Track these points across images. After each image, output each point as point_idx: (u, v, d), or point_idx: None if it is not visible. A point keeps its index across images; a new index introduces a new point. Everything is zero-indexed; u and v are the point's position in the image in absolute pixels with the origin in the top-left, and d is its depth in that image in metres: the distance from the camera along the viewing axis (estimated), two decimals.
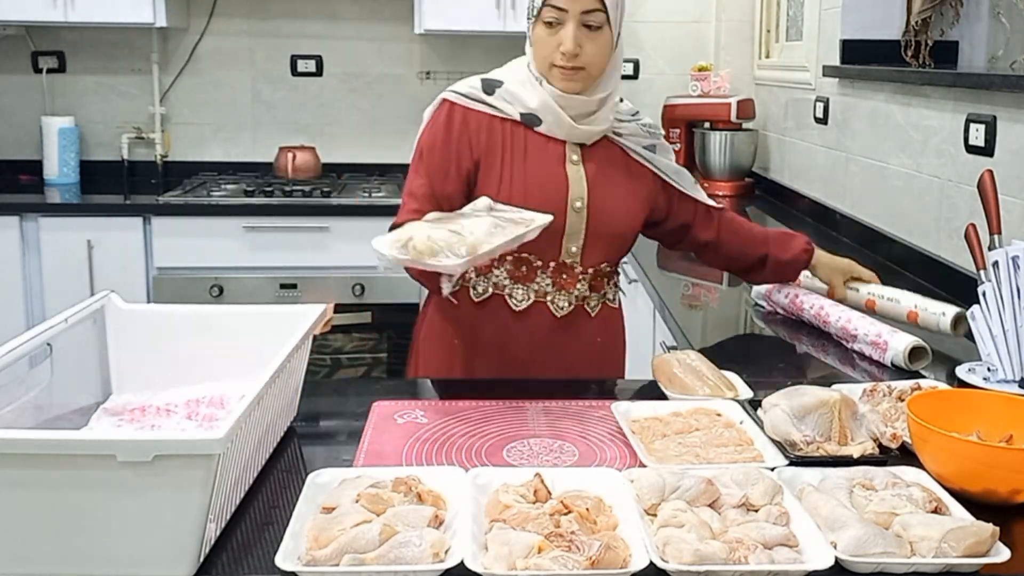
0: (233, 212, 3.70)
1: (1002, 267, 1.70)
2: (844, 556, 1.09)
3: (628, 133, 1.89)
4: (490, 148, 1.82)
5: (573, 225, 1.82)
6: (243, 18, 4.25)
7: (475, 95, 1.85)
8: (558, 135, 1.83)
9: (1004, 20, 2.75)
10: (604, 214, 1.83)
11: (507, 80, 1.85)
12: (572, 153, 1.84)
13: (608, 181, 1.85)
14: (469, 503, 1.19)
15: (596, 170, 1.85)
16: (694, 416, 1.49)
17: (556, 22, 1.75)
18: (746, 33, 4.26)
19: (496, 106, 1.84)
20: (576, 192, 1.82)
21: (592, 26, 1.75)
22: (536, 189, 1.80)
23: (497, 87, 1.85)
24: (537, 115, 1.82)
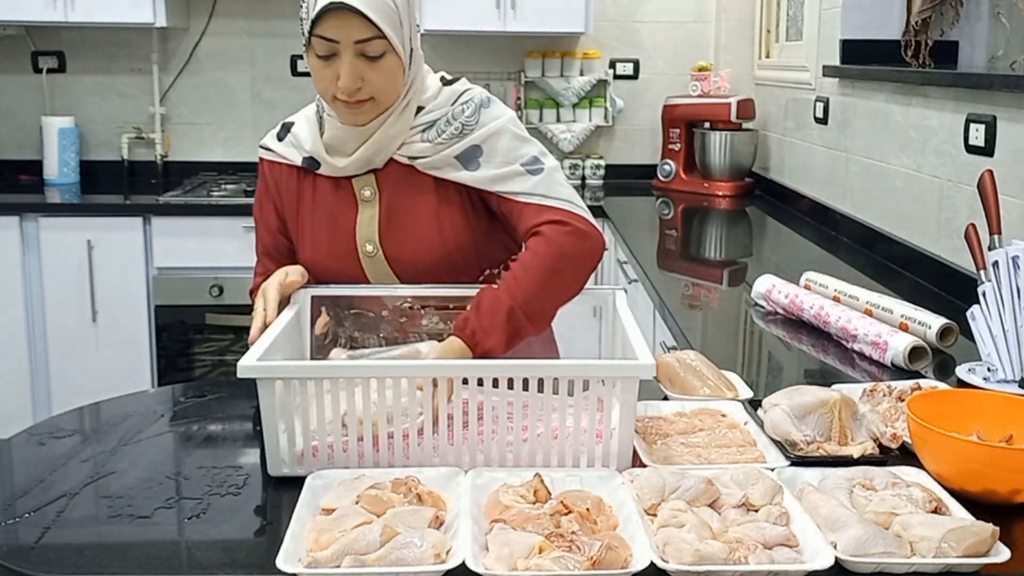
0: (233, 212, 3.70)
1: (1002, 267, 1.70)
2: (844, 556, 1.09)
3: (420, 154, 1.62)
4: (289, 200, 1.70)
5: (373, 271, 1.66)
6: (243, 18, 4.25)
7: (270, 145, 1.72)
8: (335, 174, 1.65)
9: (1004, 20, 2.75)
10: (403, 253, 1.64)
11: (298, 121, 1.70)
12: (363, 189, 1.65)
13: (406, 211, 1.64)
14: (469, 504, 1.19)
15: (391, 202, 1.64)
16: (698, 416, 1.49)
17: (330, 54, 1.53)
18: (746, 33, 4.27)
19: (282, 154, 1.69)
20: (365, 235, 1.65)
21: (372, 56, 1.53)
22: (323, 240, 1.66)
23: (289, 130, 1.70)
24: (314, 158, 1.65)
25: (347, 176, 1.65)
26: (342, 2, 1.47)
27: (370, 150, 1.62)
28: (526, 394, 1.30)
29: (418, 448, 1.32)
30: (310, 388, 1.29)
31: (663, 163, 4.23)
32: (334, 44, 1.52)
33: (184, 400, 1.67)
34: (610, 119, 4.39)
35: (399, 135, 1.62)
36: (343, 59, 1.52)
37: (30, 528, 1.20)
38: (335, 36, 1.51)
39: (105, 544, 1.19)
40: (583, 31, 4.01)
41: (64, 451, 1.43)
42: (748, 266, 3.00)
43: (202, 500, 1.27)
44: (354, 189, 1.66)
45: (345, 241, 1.65)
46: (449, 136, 1.62)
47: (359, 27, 1.50)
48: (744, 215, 3.74)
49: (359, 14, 1.48)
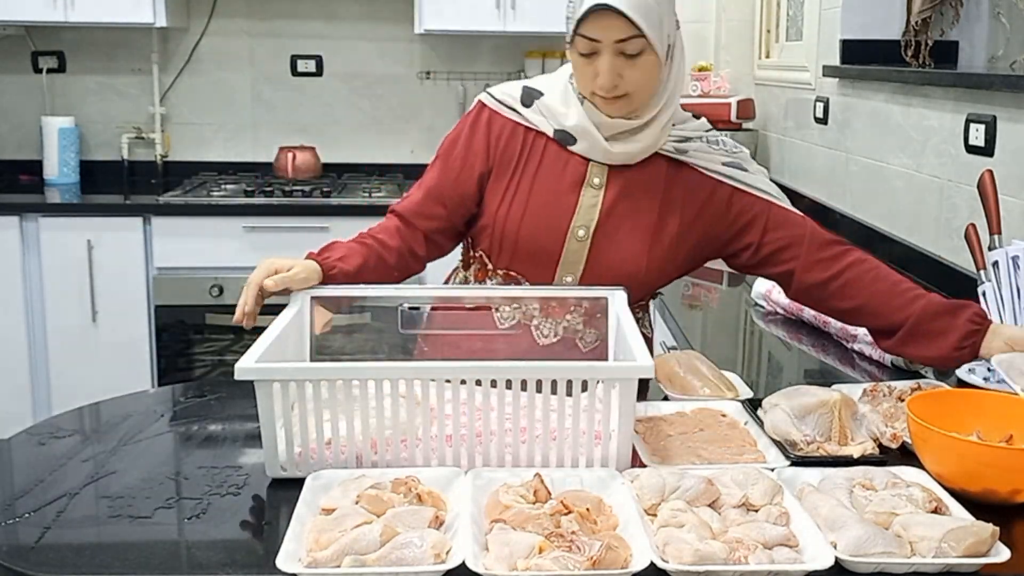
0: (233, 212, 3.71)
1: (1002, 267, 1.70)
2: (844, 556, 1.09)
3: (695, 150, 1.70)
4: (506, 158, 1.72)
5: (571, 254, 1.69)
6: (243, 18, 4.25)
7: (510, 103, 1.74)
8: (593, 156, 1.69)
9: (1004, 20, 2.75)
10: (610, 248, 1.68)
11: (547, 92, 1.73)
12: (594, 176, 1.69)
13: (628, 213, 1.68)
14: (469, 504, 1.19)
15: (617, 198, 1.68)
16: (698, 416, 1.49)
17: (591, 52, 1.60)
18: (746, 33, 4.26)
19: (530, 119, 1.72)
20: (583, 219, 1.68)
21: (631, 54, 1.58)
22: (536, 209, 1.69)
23: (536, 99, 1.73)
24: (572, 134, 1.69)
25: (586, 159, 1.69)
26: (606, 3, 1.54)
27: (639, 147, 1.66)
28: (525, 395, 1.30)
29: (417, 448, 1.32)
30: (308, 390, 1.29)
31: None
32: (596, 43, 1.59)
33: (184, 400, 1.67)
34: None
35: (663, 135, 1.68)
36: (603, 57, 1.59)
37: (30, 528, 1.20)
38: (597, 36, 1.58)
39: (105, 544, 1.19)
40: None
41: (64, 451, 1.43)
42: None
43: (202, 500, 1.27)
44: (587, 173, 1.69)
45: (561, 217, 1.68)
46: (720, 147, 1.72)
47: (620, 27, 1.56)
48: None
49: (621, 14, 1.54)
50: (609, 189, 1.68)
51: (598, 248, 1.68)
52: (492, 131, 1.74)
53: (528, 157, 1.71)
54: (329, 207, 3.76)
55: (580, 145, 1.69)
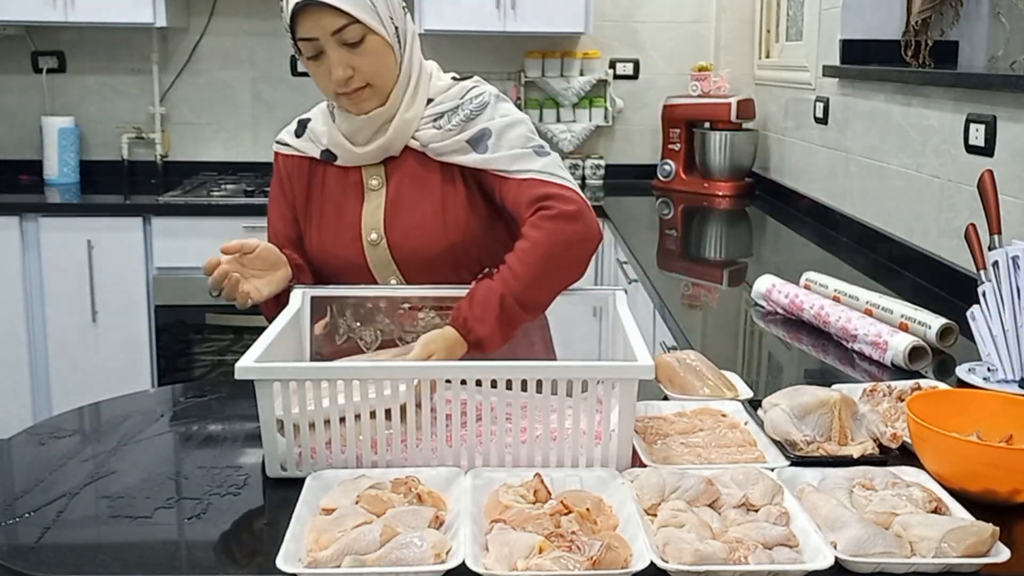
0: (233, 212, 3.70)
1: (1002, 267, 1.70)
2: (844, 556, 1.09)
3: (430, 140, 1.66)
4: (301, 192, 1.75)
5: (376, 259, 1.69)
6: (243, 18, 4.25)
7: (286, 139, 1.78)
8: (353, 164, 1.70)
9: (1004, 20, 2.75)
10: (406, 241, 1.67)
11: (315, 117, 1.76)
12: (371, 179, 1.70)
13: (412, 201, 1.68)
14: (469, 503, 1.19)
15: (398, 191, 1.68)
16: (698, 416, 1.49)
17: (317, 52, 1.59)
18: (746, 33, 4.27)
19: (301, 149, 1.75)
20: (370, 224, 1.68)
21: (353, 42, 1.58)
22: (330, 228, 1.70)
23: (307, 125, 1.76)
24: (331, 151, 1.71)
25: (358, 166, 1.70)
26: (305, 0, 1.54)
27: (389, 136, 1.66)
28: (525, 395, 1.30)
29: (417, 448, 1.32)
30: (308, 389, 1.29)
31: (663, 163, 4.23)
32: (315, 42, 1.58)
33: (184, 400, 1.67)
34: (610, 119, 4.39)
35: (413, 121, 1.67)
36: (328, 53, 1.58)
37: (30, 528, 1.20)
38: (312, 34, 1.57)
39: (105, 544, 1.19)
40: (583, 31, 4.01)
41: (64, 451, 1.43)
42: (748, 266, 3.00)
43: (202, 500, 1.27)
44: (363, 179, 1.70)
45: (350, 229, 1.69)
46: (459, 121, 1.66)
47: (330, 18, 1.55)
48: (744, 215, 3.74)
49: (326, 6, 1.54)
50: (390, 186, 1.69)
51: (396, 246, 1.68)
52: (284, 176, 1.78)
53: (315, 185, 1.74)
54: None
55: (341, 158, 1.70)
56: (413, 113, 1.67)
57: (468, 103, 1.68)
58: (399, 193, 1.68)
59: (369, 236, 1.68)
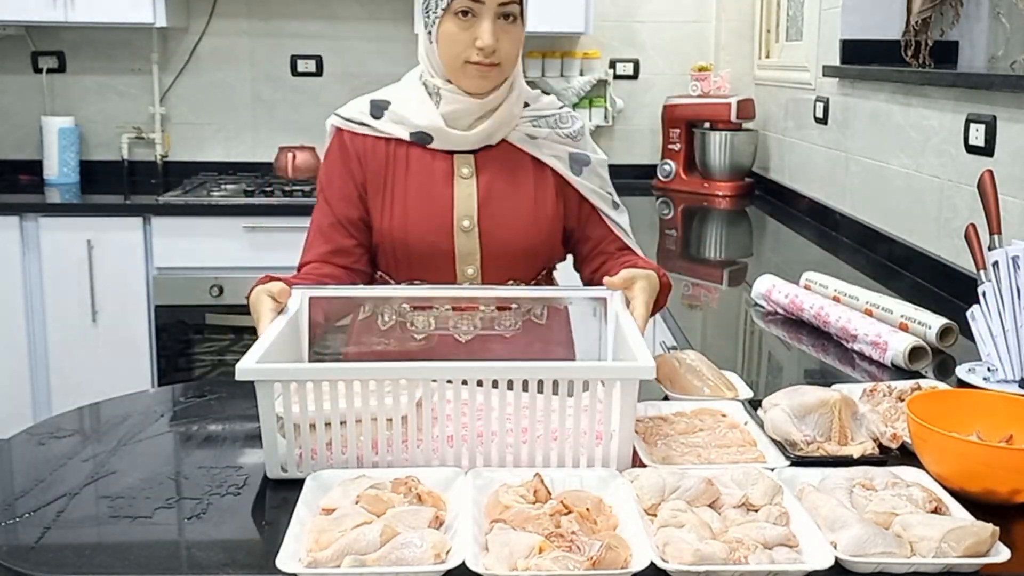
0: (233, 212, 3.70)
1: (1002, 267, 1.70)
2: (844, 556, 1.09)
3: (544, 139, 1.74)
4: (375, 172, 1.73)
5: (463, 247, 1.71)
6: (243, 18, 4.25)
7: (361, 119, 1.75)
8: (453, 148, 1.72)
9: (1004, 20, 2.75)
10: (498, 232, 1.71)
11: (394, 100, 1.75)
12: (462, 166, 1.72)
13: (504, 194, 1.72)
14: (469, 503, 1.19)
15: (490, 182, 1.71)
16: (698, 416, 1.49)
17: (470, 14, 1.61)
18: (746, 33, 4.27)
19: (383, 129, 1.73)
20: (463, 211, 1.70)
21: (509, 17, 1.62)
22: (417, 211, 1.70)
23: (385, 109, 1.74)
24: (427, 133, 1.71)
25: (449, 152, 1.72)
26: None
27: (494, 124, 1.70)
28: (526, 395, 1.30)
29: (418, 448, 1.32)
30: (309, 390, 1.29)
31: (663, 163, 4.23)
32: (479, 4, 1.60)
33: (184, 400, 1.67)
34: (610, 119, 4.39)
35: (517, 115, 1.72)
36: (484, 19, 1.61)
37: (30, 528, 1.20)
38: None
39: (105, 544, 1.19)
40: (583, 31, 4.01)
41: (64, 451, 1.43)
42: (748, 266, 3.00)
43: (202, 500, 1.27)
44: (454, 165, 1.72)
45: (441, 215, 1.70)
46: (564, 136, 1.75)
47: None
48: (744, 215, 3.74)
49: None
50: (480, 176, 1.72)
51: (488, 235, 1.71)
52: (355, 151, 1.75)
53: (395, 166, 1.73)
54: None
55: (437, 141, 1.71)
56: (518, 108, 1.72)
57: (567, 118, 1.77)
58: (492, 183, 1.71)
59: (462, 223, 1.70)
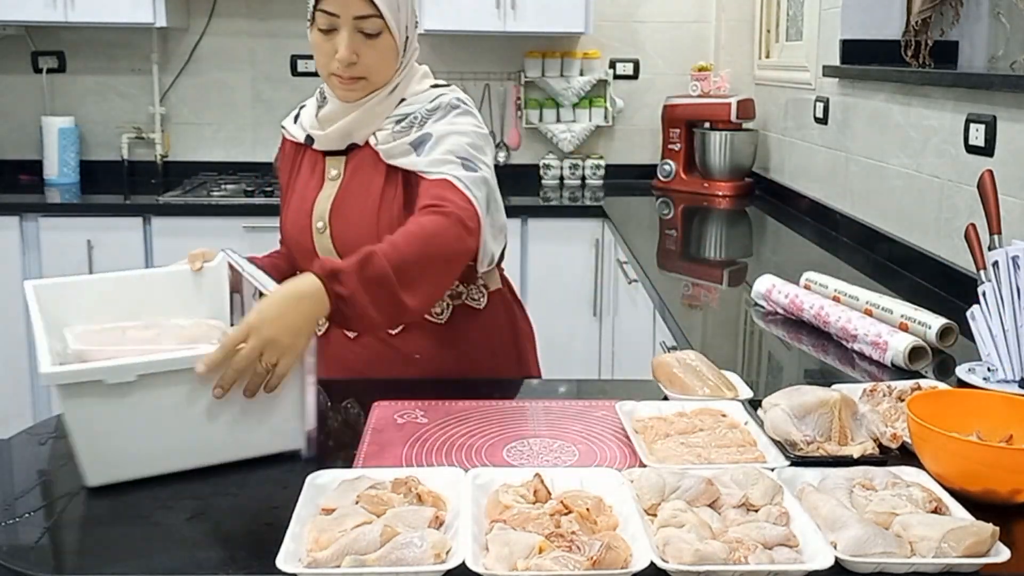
0: (233, 212, 3.71)
1: (1002, 267, 1.70)
2: (844, 556, 1.09)
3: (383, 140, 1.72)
4: (285, 175, 1.86)
5: (321, 246, 1.75)
6: (243, 18, 4.25)
7: (285, 124, 1.88)
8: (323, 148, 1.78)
9: (1004, 20, 2.76)
10: (346, 232, 1.72)
11: (308, 102, 1.85)
12: (332, 168, 1.77)
13: (356, 195, 1.73)
14: (469, 503, 1.19)
15: (348, 184, 1.74)
16: (698, 416, 1.49)
17: (331, 28, 1.66)
18: (746, 33, 4.27)
19: (292, 133, 1.85)
20: (319, 212, 1.75)
21: (369, 33, 1.65)
22: (291, 213, 1.80)
23: (301, 110, 1.86)
24: (310, 135, 1.79)
25: (324, 153, 1.77)
26: None
27: (352, 124, 1.73)
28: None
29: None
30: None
31: (663, 163, 4.23)
32: (335, 18, 1.65)
33: None
34: (610, 119, 4.39)
35: (381, 115, 1.73)
36: (341, 33, 1.65)
37: (30, 528, 1.20)
38: (336, 11, 1.64)
39: (105, 544, 1.19)
40: (583, 31, 4.01)
41: (64, 451, 1.42)
42: (748, 266, 3.00)
43: (202, 500, 1.27)
44: (325, 167, 1.78)
45: (304, 216, 1.76)
46: (408, 125, 1.72)
47: (359, 4, 1.63)
48: (744, 215, 3.74)
49: None
50: (345, 177, 1.76)
51: (338, 235, 1.74)
52: (283, 156, 1.88)
53: (295, 168, 1.83)
54: None
55: (317, 142, 1.78)
56: (383, 108, 1.73)
57: (428, 110, 1.72)
58: (348, 186, 1.75)
59: (317, 224, 1.75)
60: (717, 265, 3.10)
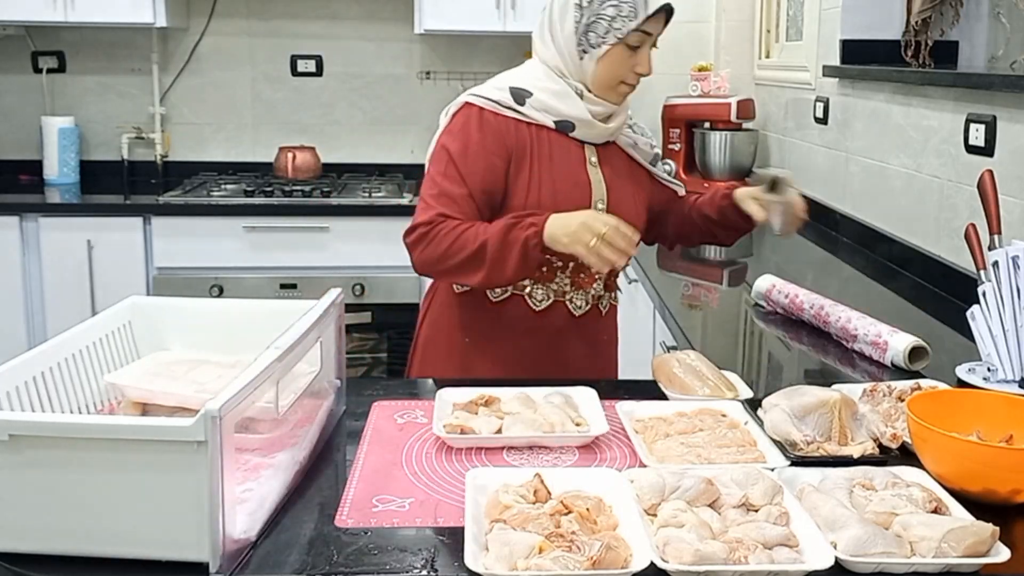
0: (233, 212, 3.71)
1: (1002, 267, 1.70)
2: (844, 556, 1.09)
3: (636, 145, 1.99)
4: (520, 149, 1.84)
5: None
6: (243, 18, 4.25)
7: (507, 102, 1.86)
8: (586, 139, 1.90)
9: (1004, 20, 2.75)
10: (620, 214, 1.82)
11: (535, 91, 1.87)
12: (591, 156, 1.91)
13: (621, 183, 1.93)
14: (469, 504, 1.19)
15: (611, 172, 1.92)
16: (698, 416, 1.49)
17: (639, 45, 1.83)
18: (746, 33, 4.26)
19: (528, 115, 1.86)
20: (598, 193, 1.89)
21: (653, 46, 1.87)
22: (563, 191, 1.84)
23: (527, 97, 1.86)
24: (572, 122, 1.87)
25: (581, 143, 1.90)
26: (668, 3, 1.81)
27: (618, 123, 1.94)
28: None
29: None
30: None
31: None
32: (649, 36, 1.85)
33: None
34: None
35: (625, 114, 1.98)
36: (644, 50, 1.86)
37: None
38: (654, 30, 1.84)
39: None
40: None
41: None
42: (748, 266, 3.00)
43: None
44: (585, 155, 1.90)
45: (582, 196, 1.86)
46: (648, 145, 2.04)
47: (663, 25, 1.86)
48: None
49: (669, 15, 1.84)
50: (603, 165, 1.92)
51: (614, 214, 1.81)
52: (498, 128, 1.85)
53: (538, 147, 1.86)
54: (329, 207, 3.76)
55: (579, 131, 1.88)
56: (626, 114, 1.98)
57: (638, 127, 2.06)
58: (612, 172, 1.92)
59: (596, 203, 1.88)
60: (717, 265, 3.09)
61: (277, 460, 1.23)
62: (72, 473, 1.08)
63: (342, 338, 1.54)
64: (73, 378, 1.36)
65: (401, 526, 1.20)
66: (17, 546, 1.11)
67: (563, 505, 1.16)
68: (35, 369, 1.27)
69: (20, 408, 1.22)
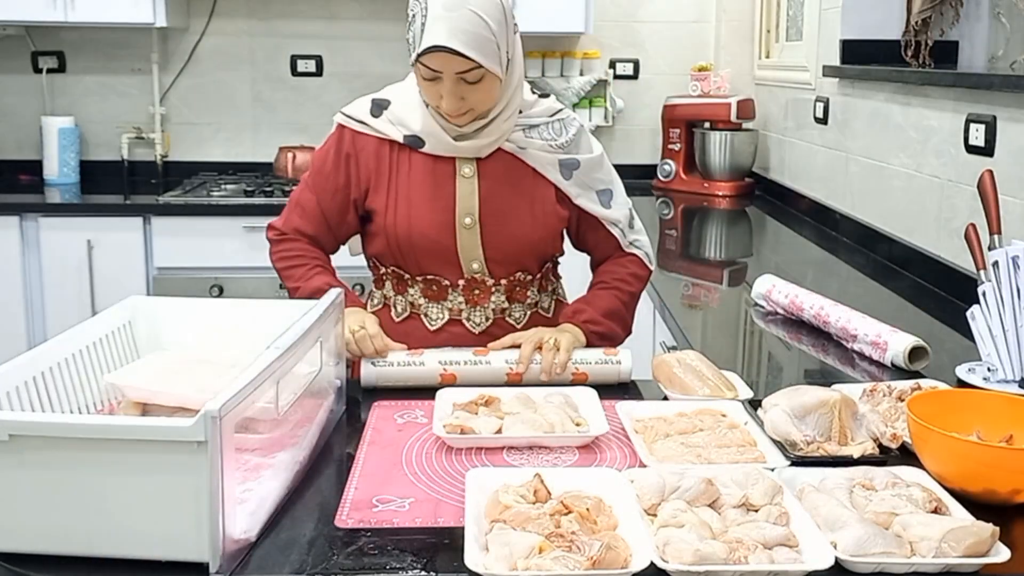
0: (233, 212, 3.70)
1: (1002, 267, 1.70)
2: (844, 556, 1.09)
3: (535, 150, 1.80)
4: (378, 171, 1.80)
5: (466, 242, 1.78)
6: (243, 18, 4.25)
7: (361, 117, 1.82)
8: (443, 153, 1.78)
9: (1004, 20, 2.75)
10: (499, 228, 1.78)
11: (395, 100, 1.81)
12: (463, 167, 1.79)
13: (504, 193, 1.79)
14: (469, 504, 1.19)
15: (491, 183, 1.79)
16: (698, 416, 1.49)
17: (434, 78, 1.67)
18: (746, 33, 4.27)
19: (380, 129, 1.80)
20: (465, 208, 1.78)
21: (471, 81, 1.66)
22: (421, 208, 1.77)
23: (385, 108, 1.81)
24: (420, 137, 1.77)
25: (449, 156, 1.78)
26: (443, 45, 1.60)
27: (483, 141, 1.76)
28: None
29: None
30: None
31: (663, 163, 4.23)
32: (437, 72, 1.66)
33: None
34: (610, 119, 4.39)
35: (508, 129, 1.78)
36: (445, 85, 1.67)
37: None
38: (438, 68, 1.65)
39: None
40: (583, 31, 4.01)
41: None
42: (748, 266, 3.00)
43: None
44: (455, 166, 1.78)
45: (444, 212, 1.77)
46: (555, 147, 1.81)
47: (459, 62, 1.63)
48: (744, 215, 3.74)
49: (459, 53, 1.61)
50: (482, 178, 1.79)
51: (489, 231, 1.78)
52: (354, 149, 1.82)
53: (398, 165, 1.80)
54: None
55: (428, 146, 1.78)
56: (509, 124, 1.78)
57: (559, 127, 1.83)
58: (493, 184, 1.78)
59: (464, 220, 1.77)
60: (717, 265, 3.10)
61: (277, 460, 1.23)
62: (72, 473, 1.08)
63: (342, 338, 1.55)
64: (73, 378, 1.35)
65: (401, 526, 1.20)
66: (17, 546, 1.11)
67: (563, 505, 1.16)
68: (35, 369, 1.27)
69: (20, 408, 1.22)
